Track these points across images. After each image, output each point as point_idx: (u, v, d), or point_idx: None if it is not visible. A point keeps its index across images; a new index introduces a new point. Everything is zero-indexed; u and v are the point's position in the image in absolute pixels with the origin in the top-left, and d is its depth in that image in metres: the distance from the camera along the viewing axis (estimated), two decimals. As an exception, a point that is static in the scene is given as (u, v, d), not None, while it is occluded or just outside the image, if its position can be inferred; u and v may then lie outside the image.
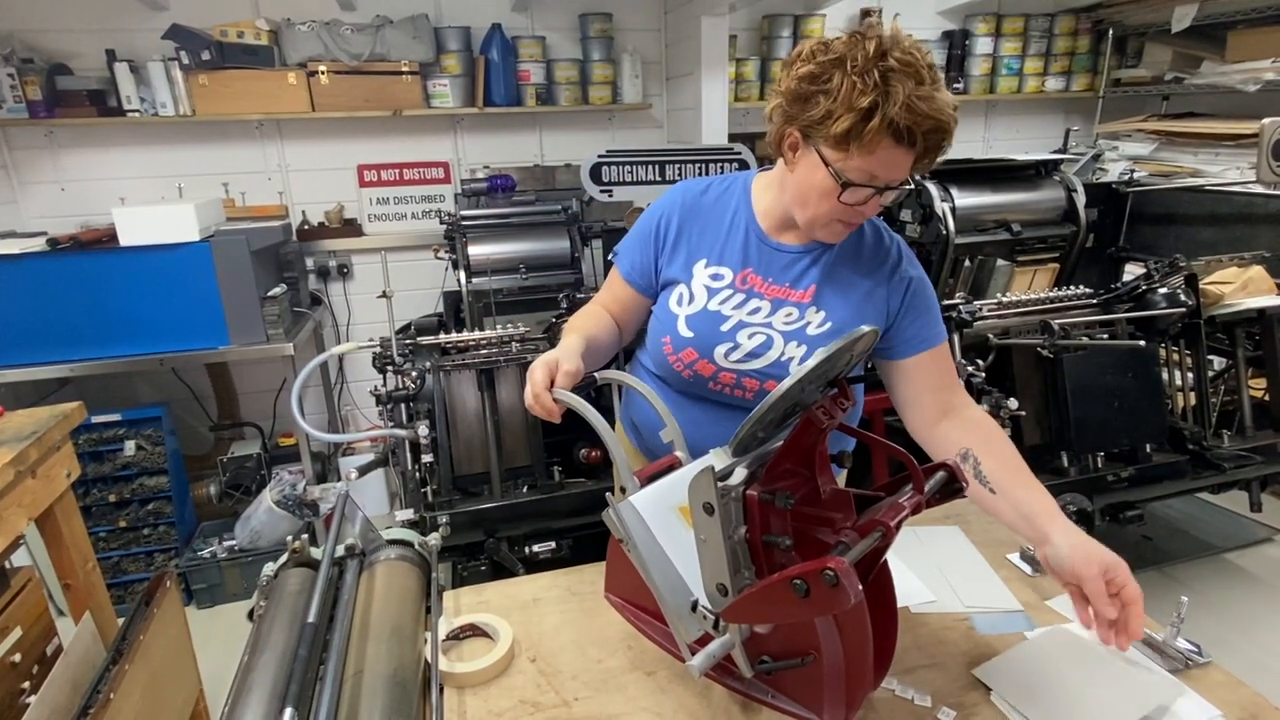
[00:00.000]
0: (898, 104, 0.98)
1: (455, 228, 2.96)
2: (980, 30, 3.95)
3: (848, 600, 0.72)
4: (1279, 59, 3.38)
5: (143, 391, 3.31)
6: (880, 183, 1.07)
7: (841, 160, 1.06)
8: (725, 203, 1.28)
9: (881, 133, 1.00)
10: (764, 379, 1.21)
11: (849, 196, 1.08)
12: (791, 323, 1.21)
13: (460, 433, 2.17)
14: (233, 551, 2.80)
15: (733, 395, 1.25)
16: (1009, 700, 0.98)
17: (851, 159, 1.05)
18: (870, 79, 0.99)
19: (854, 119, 1.01)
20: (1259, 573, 2.74)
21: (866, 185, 1.07)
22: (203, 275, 2.62)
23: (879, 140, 1.02)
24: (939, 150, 1.06)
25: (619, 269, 1.34)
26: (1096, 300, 2.42)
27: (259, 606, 1.12)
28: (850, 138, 1.02)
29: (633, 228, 1.35)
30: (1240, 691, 0.99)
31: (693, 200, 1.29)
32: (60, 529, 1.64)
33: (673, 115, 3.74)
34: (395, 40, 3.17)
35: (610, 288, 1.37)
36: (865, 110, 1.00)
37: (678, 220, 1.28)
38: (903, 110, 0.99)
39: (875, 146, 1.02)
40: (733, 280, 1.24)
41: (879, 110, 0.99)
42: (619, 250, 1.36)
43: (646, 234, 1.31)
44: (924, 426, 1.22)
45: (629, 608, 1.10)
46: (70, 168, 3.14)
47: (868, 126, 1.00)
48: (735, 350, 1.21)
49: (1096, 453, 2.27)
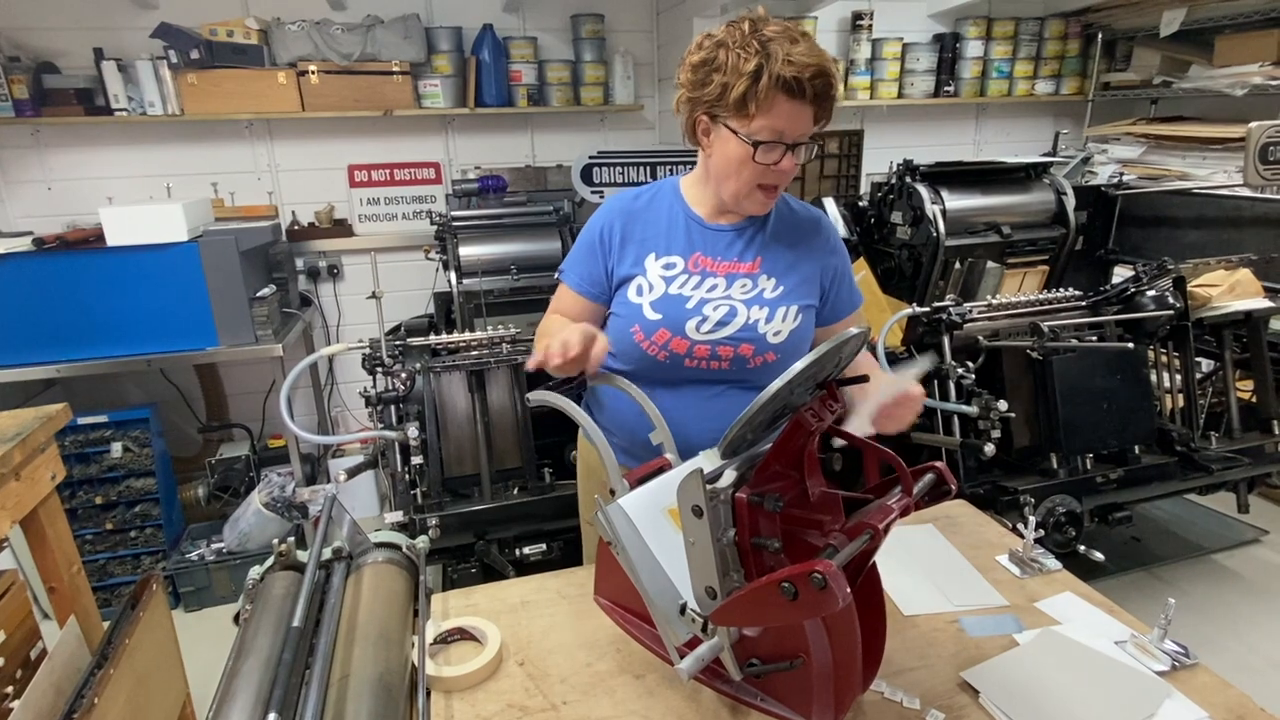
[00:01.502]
0: (779, 60, 1.11)
1: (446, 228, 2.95)
2: (971, 33, 3.96)
3: (836, 603, 0.71)
4: (1266, 63, 3.41)
5: (130, 393, 3.28)
6: (789, 138, 1.17)
7: (746, 125, 1.17)
8: (659, 204, 1.37)
9: (773, 89, 1.13)
10: (737, 344, 1.28)
11: (762, 156, 1.18)
12: (748, 291, 1.30)
13: (450, 434, 2.17)
14: (221, 554, 2.78)
15: (709, 369, 1.30)
16: (997, 703, 0.98)
17: (755, 121, 1.16)
18: (751, 47, 1.13)
19: (746, 83, 1.13)
20: (1246, 573, 2.76)
21: (776, 142, 1.17)
22: (191, 276, 2.60)
23: (773, 97, 1.13)
24: (830, 98, 1.17)
25: (568, 284, 1.39)
26: (1086, 302, 2.43)
27: (245, 610, 1.11)
28: (748, 100, 1.14)
29: (575, 244, 1.42)
30: (1227, 692, 1.00)
31: (627, 206, 1.37)
32: (45, 532, 1.62)
33: (665, 117, 3.73)
34: (386, 40, 3.16)
35: (560, 306, 1.41)
36: (753, 73, 1.12)
37: (619, 225, 1.35)
38: (785, 64, 1.11)
39: (772, 104, 1.14)
40: (685, 266, 1.32)
41: (764, 69, 1.12)
42: (564, 269, 1.41)
43: (591, 244, 1.37)
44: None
45: (618, 611, 1.10)
46: (57, 167, 3.11)
47: (759, 85, 1.13)
48: (704, 322, 1.28)
49: (1086, 454, 2.28)
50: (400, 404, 2.15)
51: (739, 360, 1.28)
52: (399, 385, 2.13)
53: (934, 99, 4.00)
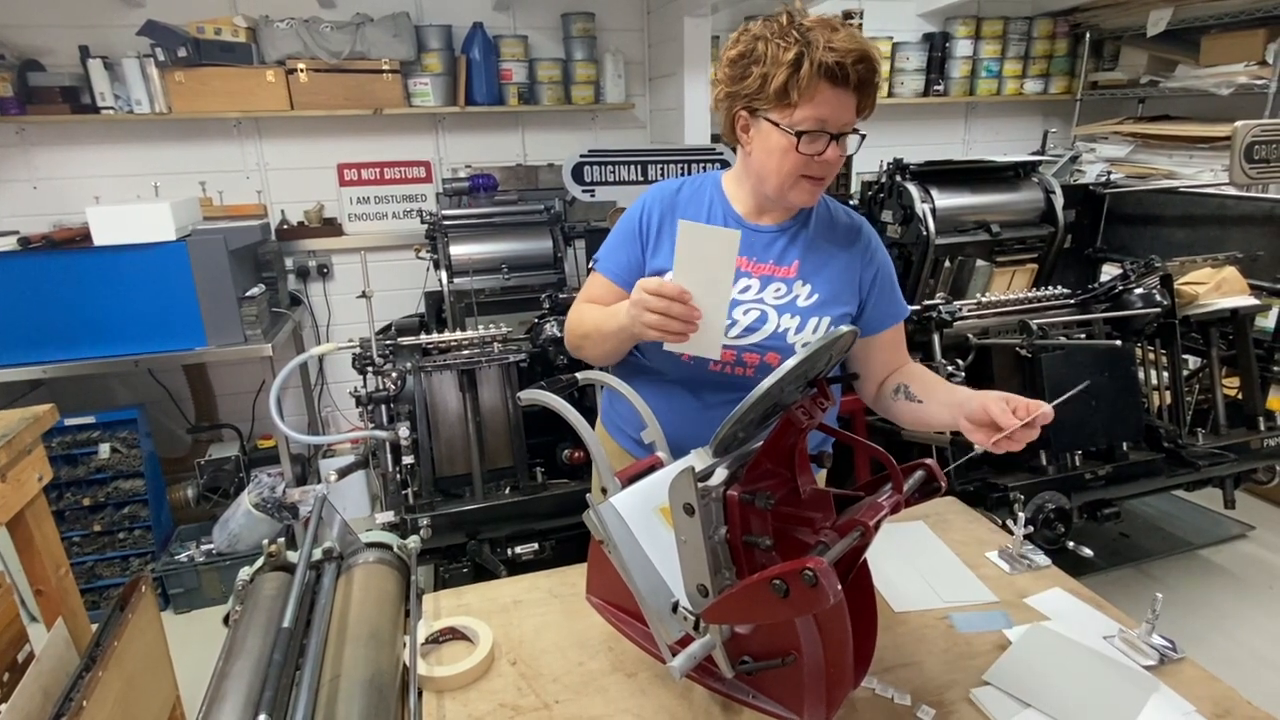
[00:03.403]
0: (820, 47, 1.09)
1: (437, 227, 2.94)
2: (960, 33, 3.98)
3: (827, 600, 0.72)
4: (1251, 63, 3.44)
5: (118, 393, 3.26)
6: (832, 128, 1.14)
7: (788, 116, 1.14)
8: (700, 197, 1.34)
9: (815, 76, 1.10)
10: (763, 352, 1.25)
11: (806, 146, 1.14)
12: (781, 297, 1.26)
13: (441, 434, 2.16)
14: (211, 555, 2.77)
15: (733, 374, 1.27)
16: (987, 699, 0.99)
17: (797, 110, 1.13)
18: (790, 37, 1.11)
19: (787, 71, 1.10)
20: (1232, 569, 2.79)
21: (820, 131, 1.14)
22: (179, 275, 2.58)
23: (816, 84, 1.10)
24: (873, 84, 1.15)
25: (603, 273, 1.36)
26: (1074, 300, 2.45)
27: (235, 611, 1.10)
28: (789, 89, 1.11)
29: (612, 233, 1.38)
30: (1214, 686, 1.01)
31: (669, 197, 1.34)
32: (32, 534, 1.60)
33: (655, 115, 3.74)
34: (376, 38, 3.15)
35: (592, 294, 1.37)
36: (793, 61, 1.10)
37: (658, 215, 1.32)
38: (826, 51, 1.08)
39: (814, 92, 1.11)
40: None
41: (805, 57, 1.09)
42: (600, 257, 1.38)
43: (630, 233, 1.34)
44: (872, 387, 1.34)
45: (610, 609, 1.10)
46: (43, 166, 3.09)
47: (800, 73, 1.10)
48: (733, 327, 1.25)
49: (1074, 451, 2.30)
50: (391, 404, 2.14)
51: (764, 369, 1.24)
52: (390, 385, 2.12)
53: (923, 98, 4.01)
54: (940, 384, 1.24)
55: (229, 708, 0.89)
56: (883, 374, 1.33)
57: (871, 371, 1.34)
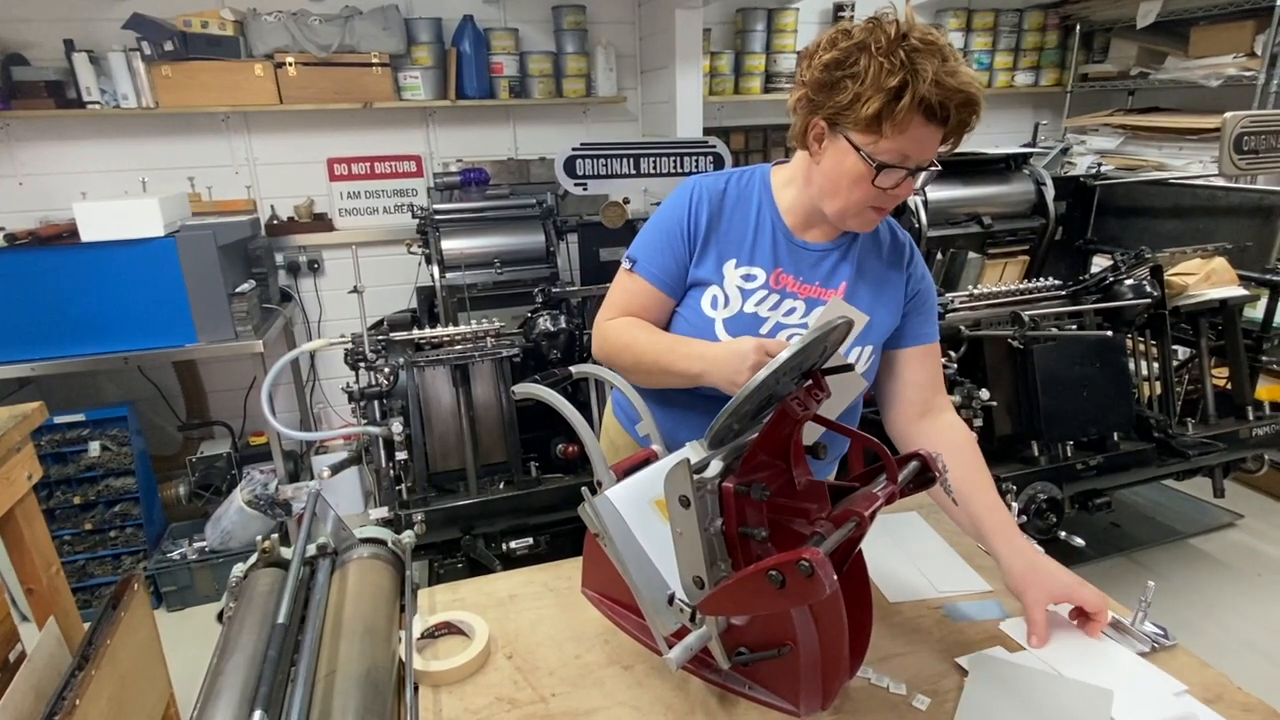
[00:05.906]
0: (927, 81, 0.99)
1: (428, 222, 2.92)
2: (951, 25, 3.99)
3: (823, 590, 0.72)
4: (1240, 54, 3.46)
5: (108, 391, 3.24)
6: (912, 163, 1.07)
7: (872, 144, 1.05)
8: (748, 200, 1.25)
9: (913, 111, 1.01)
10: None
11: (884, 180, 1.07)
12: None
13: (435, 429, 2.15)
14: (203, 553, 2.76)
15: None
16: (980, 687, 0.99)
17: (883, 141, 1.04)
18: (896, 59, 1.00)
19: (884, 99, 1.00)
20: (1222, 557, 2.81)
21: (899, 167, 1.06)
22: (168, 271, 2.56)
23: (910, 119, 1.01)
24: (967, 126, 1.06)
25: (645, 277, 1.25)
26: (1065, 292, 2.46)
27: (228, 608, 1.10)
28: (882, 119, 1.02)
29: (651, 231, 1.27)
30: (1205, 673, 1.02)
31: (715, 196, 1.24)
32: (22, 532, 1.59)
33: (647, 108, 3.72)
34: (365, 31, 3.12)
35: (634, 297, 1.27)
36: (895, 89, 1.00)
37: (706, 216, 1.23)
38: (932, 86, 0.99)
39: (907, 126, 1.02)
40: (766, 281, 1.21)
41: (909, 88, 0.99)
42: (637, 257, 1.27)
43: (674, 234, 1.24)
44: (903, 421, 1.26)
45: (606, 602, 1.10)
46: (28, 161, 3.05)
47: (899, 106, 1.00)
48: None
49: (1066, 441, 2.31)
50: (384, 399, 2.14)
51: None
52: (382, 380, 2.11)
53: (915, 90, 4.01)
54: (979, 488, 1.14)
55: (224, 704, 0.89)
56: (907, 397, 1.26)
57: (894, 391, 1.27)
